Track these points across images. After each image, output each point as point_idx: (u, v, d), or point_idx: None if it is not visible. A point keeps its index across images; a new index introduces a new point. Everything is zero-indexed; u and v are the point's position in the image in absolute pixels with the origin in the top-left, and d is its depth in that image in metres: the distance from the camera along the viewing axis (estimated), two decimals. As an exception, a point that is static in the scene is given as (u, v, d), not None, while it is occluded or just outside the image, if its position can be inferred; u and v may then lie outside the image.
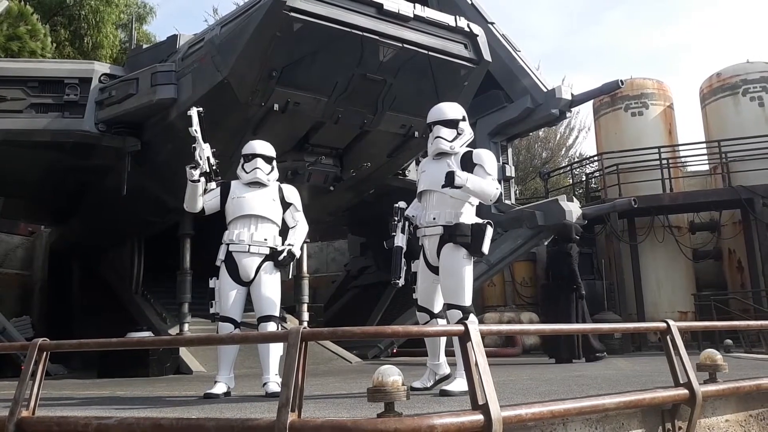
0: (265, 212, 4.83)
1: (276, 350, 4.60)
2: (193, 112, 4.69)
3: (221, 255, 4.79)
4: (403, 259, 4.21)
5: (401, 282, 4.19)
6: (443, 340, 4.35)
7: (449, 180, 3.95)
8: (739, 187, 12.52)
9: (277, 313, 4.76)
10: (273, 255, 4.76)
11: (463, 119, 4.36)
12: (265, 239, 4.77)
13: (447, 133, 4.27)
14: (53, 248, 12.95)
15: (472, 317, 4.02)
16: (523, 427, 2.70)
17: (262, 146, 5.00)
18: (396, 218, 4.30)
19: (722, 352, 4.91)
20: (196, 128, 4.67)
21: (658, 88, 14.65)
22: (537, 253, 14.00)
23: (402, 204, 4.40)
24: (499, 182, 10.83)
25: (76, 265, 12.52)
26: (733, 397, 3.72)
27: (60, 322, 11.61)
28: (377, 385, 2.45)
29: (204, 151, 4.70)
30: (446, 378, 4.25)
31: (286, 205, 4.97)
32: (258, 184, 4.88)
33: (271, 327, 4.66)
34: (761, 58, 14.44)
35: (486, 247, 4.11)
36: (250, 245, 4.73)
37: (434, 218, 4.22)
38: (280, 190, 4.98)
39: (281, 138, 7.28)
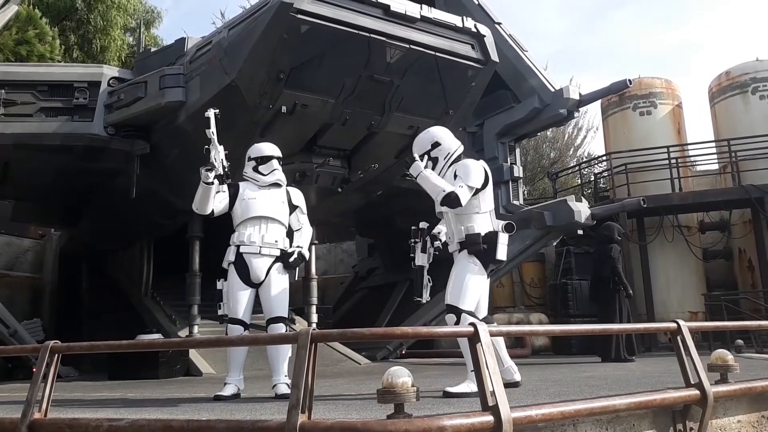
0: (275, 214, 4.85)
1: (286, 352, 4.61)
2: (211, 114, 4.60)
3: (230, 257, 4.79)
4: (427, 276, 4.36)
5: (425, 299, 4.35)
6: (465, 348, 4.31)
7: (408, 166, 4.24)
8: (749, 186, 12.43)
9: (286, 315, 4.77)
10: (283, 257, 4.77)
11: (433, 147, 4.50)
12: (276, 241, 4.79)
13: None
14: (63, 251, 13.02)
15: (465, 317, 4.05)
16: (534, 428, 2.70)
17: (274, 148, 5.04)
18: (415, 239, 4.43)
19: (733, 352, 4.88)
20: (213, 130, 4.58)
21: (667, 87, 14.56)
22: (546, 254, 13.97)
23: (423, 224, 4.52)
24: (507, 183, 11.04)
25: (85, 267, 12.58)
26: (745, 397, 3.70)
27: (70, 325, 11.66)
28: (387, 387, 2.45)
29: (219, 154, 4.67)
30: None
31: (292, 208, 5.00)
32: (272, 185, 4.92)
33: (281, 328, 4.67)
34: (771, 56, 14.32)
35: (500, 254, 4.18)
36: (261, 247, 4.74)
37: (450, 237, 4.38)
38: (287, 193, 5.02)
39: (289, 140, 7.30)
